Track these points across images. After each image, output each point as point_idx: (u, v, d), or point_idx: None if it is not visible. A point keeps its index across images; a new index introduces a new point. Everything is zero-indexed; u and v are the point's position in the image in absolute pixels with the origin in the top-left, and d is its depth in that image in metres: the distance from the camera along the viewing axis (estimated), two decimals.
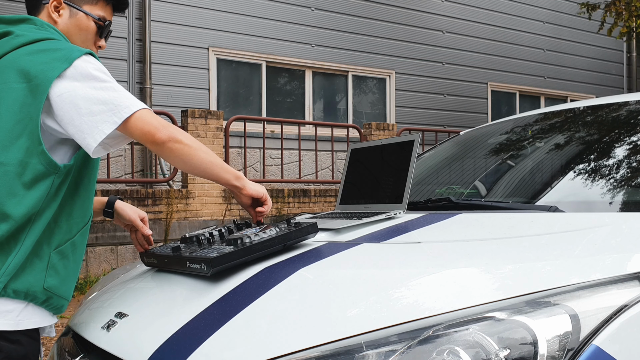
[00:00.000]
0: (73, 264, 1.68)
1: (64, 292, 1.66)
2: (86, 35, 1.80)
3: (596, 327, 1.18)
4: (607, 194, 1.88)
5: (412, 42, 10.56)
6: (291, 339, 1.22)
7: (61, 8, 1.77)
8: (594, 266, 1.29)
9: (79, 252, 1.70)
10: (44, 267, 1.60)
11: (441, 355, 1.13)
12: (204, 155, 1.67)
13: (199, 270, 1.56)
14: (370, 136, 8.90)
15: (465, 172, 2.59)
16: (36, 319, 1.62)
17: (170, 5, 8.51)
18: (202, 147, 1.68)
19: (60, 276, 1.64)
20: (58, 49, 1.61)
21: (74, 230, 1.67)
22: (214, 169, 1.70)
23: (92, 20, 1.80)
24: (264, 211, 1.83)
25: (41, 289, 1.59)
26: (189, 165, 1.67)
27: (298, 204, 8.05)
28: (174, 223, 7.03)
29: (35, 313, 1.62)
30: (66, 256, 1.65)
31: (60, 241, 1.64)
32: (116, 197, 2.02)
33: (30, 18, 1.73)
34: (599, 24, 10.50)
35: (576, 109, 2.58)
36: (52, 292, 1.62)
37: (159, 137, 1.60)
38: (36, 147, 1.57)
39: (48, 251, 1.61)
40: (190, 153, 1.64)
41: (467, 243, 1.59)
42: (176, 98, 8.48)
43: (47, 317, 1.65)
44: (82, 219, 1.69)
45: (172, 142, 1.61)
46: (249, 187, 1.78)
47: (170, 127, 1.63)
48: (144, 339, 1.44)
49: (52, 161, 1.58)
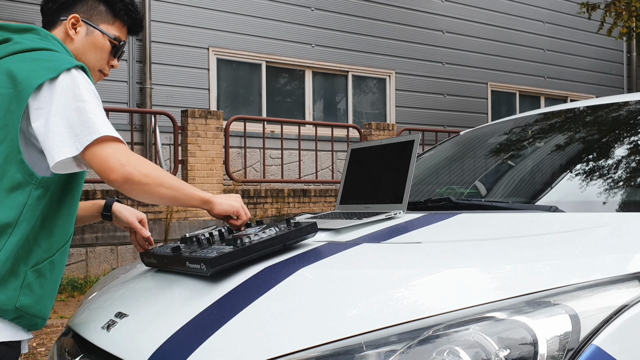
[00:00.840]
0: (50, 282, 1.63)
1: (37, 311, 1.59)
2: (101, 54, 1.80)
3: (596, 327, 1.18)
4: (607, 194, 1.88)
5: (412, 42, 10.56)
6: (291, 339, 1.22)
7: (78, 25, 1.78)
8: (594, 266, 1.29)
9: (57, 270, 1.65)
10: (19, 285, 1.54)
11: (441, 355, 1.13)
12: (164, 190, 1.61)
13: (198, 270, 1.56)
14: (370, 136, 8.90)
15: (465, 172, 2.59)
16: (6, 333, 1.56)
17: (170, 5, 8.51)
18: (163, 182, 1.61)
19: (35, 295, 1.58)
20: (50, 59, 1.59)
21: (54, 248, 1.62)
22: (177, 201, 1.66)
23: (108, 39, 1.81)
24: (236, 224, 1.80)
25: (13, 308, 1.54)
26: (150, 201, 1.63)
27: (298, 204, 8.05)
28: (174, 223, 7.03)
29: (5, 327, 1.56)
30: (43, 275, 1.60)
31: (39, 260, 1.59)
32: (114, 200, 2.00)
33: (35, 28, 1.72)
34: (599, 24, 10.50)
35: (576, 109, 2.58)
36: (24, 311, 1.56)
37: (114, 178, 1.54)
38: (15, 155, 1.54)
39: (25, 269, 1.56)
40: (148, 191, 1.58)
41: (467, 243, 1.59)
42: (176, 98, 8.48)
43: (19, 332, 1.59)
44: (63, 237, 1.65)
45: (127, 183, 1.54)
46: (217, 208, 1.74)
47: (127, 166, 1.54)
48: (144, 339, 1.44)
49: (29, 171, 1.55)
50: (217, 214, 1.75)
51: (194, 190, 1.71)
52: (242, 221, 1.80)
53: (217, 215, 1.76)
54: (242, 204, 1.79)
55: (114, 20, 1.83)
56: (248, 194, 7.64)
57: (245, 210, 1.80)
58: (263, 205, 7.76)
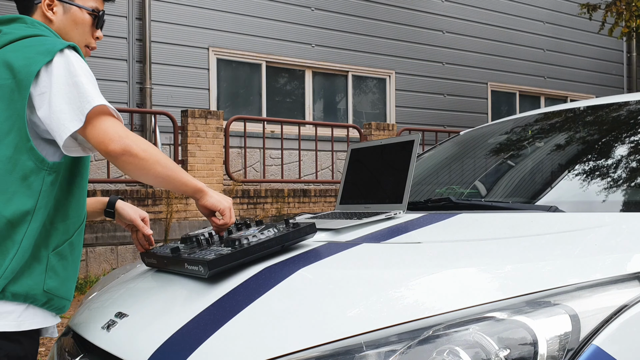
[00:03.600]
0: (72, 264, 1.68)
1: (64, 293, 1.65)
2: (83, 28, 1.80)
3: (596, 327, 1.18)
4: (607, 194, 1.88)
5: (412, 42, 10.56)
6: (291, 339, 1.22)
7: (54, 5, 1.77)
8: (594, 266, 1.29)
9: (77, 251, 1.70)
10: (43, 269, 1.59)
11: (441, 355, 1.13)
12: (160, 169, 1.62)
13: (196, 272, 1.56)
14: (370, 136, 8.90)
15: (465, 172, 2.59)
16: (38, 320, 1.62)
17: (170, 5, 8.51)
18: (160, 160, 1.62)
19: (60, 277, 1.63)
20: (42, 44, 1.61)
21: (71, 230, 1.67)
22: (170, 183, 1.67)
23: (86, 12, 1.80)
24: (217, 222, 1.78)
25: (41, 292, 1.59)
26: (144, 178, 1.63)
27: (298, 204, 8.05)
28: (174, 223, 7.03)
29: (36, 314, 1.61)
30: (65, 257, 1.65)
31: (58, 242, 1.63)
32: (117, 197, 2.01)
33: (20, 17, 1.73)
34: (600, 24, 10.50)
35: (576, 109, 2.58)
36: (52, 293, 1.61)
37: (112, 149, 1.55)
38: (25, 143, 1.56)
39: (46, 253, 1.60)
40: (145, 167, 1.59)
41: (467, 243, 1.59)
42: (176, 98, 8.48)
43: (49, 318, 1.65)
44: (78, 218, 1.68)
45: (125, 155, 1.55)
46: (206, 199, 1.74)
47: (126, 139, 1.56)
48: (144, 339, 1.44)
49: (40, 157, 1.57)
50: (203, 205, 1.75)
51: (188, 176, 1.72)
52: (223, 222, 1.77)
53: (203, 206, 1.75)
54: (232, 208, 1.78)
55: None
56: (248, 194, 7.64)
57: (231, 214, 1.78)
58: (263, 205, 7.76)
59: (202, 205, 1.76)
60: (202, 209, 1.77)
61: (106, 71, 7.82)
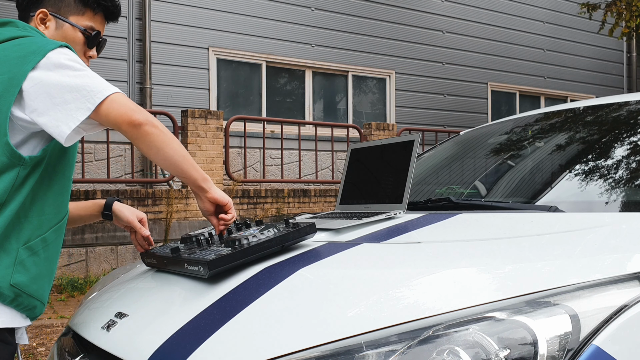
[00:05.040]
0: (45, 262, 1.63)
1: (34, 291, 1.60)
2: (74, 46, 1.76)
3: (596, 327, 1.18)
4: (607, 194, 1.88)
5: (412, 42, 10.56)
6: (291, 339, 1.22)
7: (47, 20, 1.77)
8: (594, 266, 1.29)
9: (51, 249, 1.65)
10: (12, 262, 1.55)
11: (441, 355, 1.13)
12: (177, 146, 1.63)
13: (196, 272, 1.56)
14: (370, 136, 8.90)
15: (465, 172, 2.59)
16: (4, 319, 1.56)
17: (170, 5, 8.51)
18: (176, 139, 1.65)
19: (30, 273, 1.58)
20: (33, 43, 1.61)
21: (46, 226, 1.63)
22: (184, 163, 1.65)
23: (79, 31, 1.79)
24: (227, 219, 1.76)
25: (7, 285, 1.54)
26: (161, 153, 1.61)
27: (298, 204, 8.05)
28: (174, 223, 7.03)
29: (3, 312, 1.56)
30: (36, 253, 1.60)
31: (30, 237, 1.59)
32: (114, 199, 2.00)
33: (12, 21, 1.72)
34: (600, 24, 10.50)
35: (576, 109, 2.58)
36: (20, 289, 1.56)
37: (136, 118, 1.56)
38: (1, 138, 1.55)
39: (16, 246, 1.56)
40: (164, 140, 1.60)
41: (467, 243, 1.59)
42: (176, 98, 8.48)
43: (17, 318, 1.59)
44: (55, 215, 1.65)
45: (149, 125, 1.57)
46: (214, 191, 1.72)
47: (147, 114, 1.59)
48: (143, 339, 1.44)
49: (15, 153, 1.56)
50: (212, 198, 1.72)
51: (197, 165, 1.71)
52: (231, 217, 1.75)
53: (212, 199, 1.72)
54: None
55: (84, 10, 1.80)
56: (248, 194, 7.64)
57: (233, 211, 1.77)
58: (263, 205, 7.76)
59: (210, 199, 1.72)
60: (208, 204, 1.74)
61: (106, 71, 7.82)
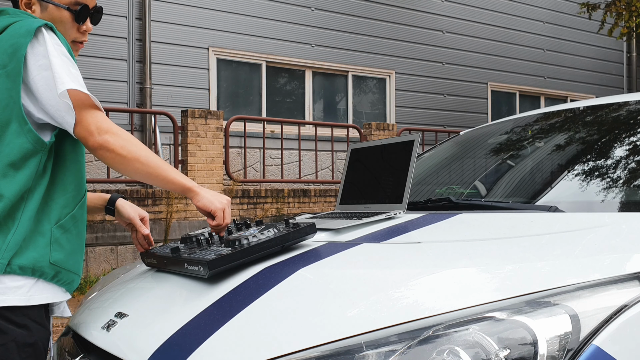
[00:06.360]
0: (76, 237, 1.69)
1: (71, 266, 1.67)
2: (63, 26, 1.77)
3: (596, 327, 1.18)
4: (607, 194, 1.88)
5: (412, 42, 10.56)
6: (291, 339, 1.22)
7: (32, 4, 1.78)
8: (594, 266, 1.29)
9: (80, 225, 1.71)
10: (47, 242, 1.61)
11: (441, 355, 1.13)
12: (139, 165, 1.64)
13: (196, 272, 1.56)
14: (370, 136, 8.90)
15: (465, 172, 2.59)
16: (47, 295, 1.63)
17: (170, 5, 8.51)
18: (140, 157, 1.63)
19: (65, 250, 1.65)
20: (21, 27, 1.63)
21: (72, 203, 1.68)
22: (153, 179, 1.67)
23: (63, 9, 1.78)
24: (212, 225, 1.75)
25: (47, 264, 1.61)
26: (125, 173, 1.68)
27: (298, 204, 8.05)
28: (174, 223, 7.03)
29: (46, 289, 1.62)
30: (68, 230, 1.66)
31: (60, 215, 1.65)
32: (119, 195, 2.04)
33: (3, 10, 1.74)
34: (599, 24, 10.50)
35: (576, 109, 2.58)
36: (59, 266, 1.63)
37: (91, 143, 1.61)
38: (23, 127, 1.59)
39: (49, 227, 1.63)
40: (122, 162, 1.63)
41: (467, 243, 1.59)
42: (176, 98, 8.48)
43: (58, 293, 1.66)
44: (78, 191, 1.70)
45: (102, 150, 1.61)
46: (197, 199, 1.72)
47: (105, 134, 1.61)
48: (143, 339, 1.44)
49: (39, 139, 1.61)
50: (196, 206, 1.74)
51: (177, 175, 1.70)
52: (216, 223, 1.73)
53: (197, 206, 1.74)
54: (227, 208, 1.73)
55: None
56: (248, 194, 7.64)
57: (226, 215, 1.74)
58: (263, 205, 7.76)
59: (196, 205, 1.75)
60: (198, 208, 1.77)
61: (106, 71, 7.82)
